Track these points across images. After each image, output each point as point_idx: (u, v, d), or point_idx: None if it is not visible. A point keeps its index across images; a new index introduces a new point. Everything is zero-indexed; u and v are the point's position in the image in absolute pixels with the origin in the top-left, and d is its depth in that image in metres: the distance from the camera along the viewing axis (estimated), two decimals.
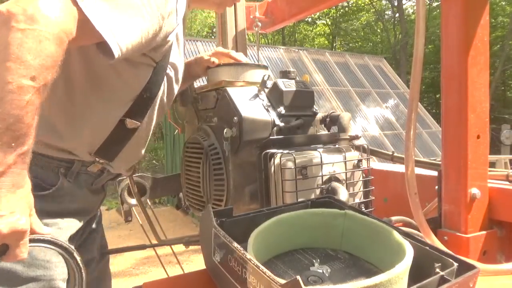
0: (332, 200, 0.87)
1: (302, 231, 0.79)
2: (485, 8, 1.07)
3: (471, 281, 0.58)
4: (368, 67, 9.25)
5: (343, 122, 1.24)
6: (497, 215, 1.12)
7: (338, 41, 20.04)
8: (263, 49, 8.09)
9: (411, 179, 0.92)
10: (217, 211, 0.77)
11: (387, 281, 0.53)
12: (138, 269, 4.47)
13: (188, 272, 0.89)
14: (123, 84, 0.93)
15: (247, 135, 1.08)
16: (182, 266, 1.71)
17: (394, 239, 0.67)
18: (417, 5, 0.90)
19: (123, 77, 0.92)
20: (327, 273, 0.67)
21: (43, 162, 0.91)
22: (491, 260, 1.09)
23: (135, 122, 0.97)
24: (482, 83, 1.07)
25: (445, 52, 1.10)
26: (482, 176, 1.09)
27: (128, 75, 0.92)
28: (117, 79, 0.92)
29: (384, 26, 18.06)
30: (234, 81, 1.20)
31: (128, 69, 0.91)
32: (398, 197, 1.43)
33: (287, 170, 1.00)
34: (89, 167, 0.98)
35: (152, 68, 0.96)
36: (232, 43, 1.60)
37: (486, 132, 1.09)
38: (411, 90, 0.92)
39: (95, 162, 0.98)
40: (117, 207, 1.47)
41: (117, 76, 0.92)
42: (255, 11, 1.96)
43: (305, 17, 2.71)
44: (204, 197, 1.19)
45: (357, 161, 1.12)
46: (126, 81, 0.93)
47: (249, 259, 0.57)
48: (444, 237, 1.10)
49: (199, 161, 1.19)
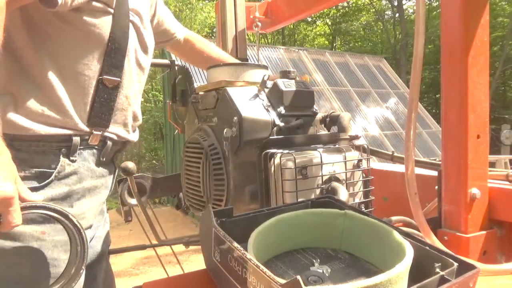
0: (332, 200, 0.87)
1: (302, 231, 0.79)
2: (485, 8, 1.07)
3: (471, 281, 0.58)
4: (368, 67, 9.25)
5: (343, 122, 1.24)
6: (497, 215, 1.12)
7: (338, 41, 20.05)
8: (263, 49, 8.09)
9: (411, 179, 0.92)
10: (217, 211, 0.77)
11: (387, 281, 0.53)
12: (138, 269, 4.47)
13: (188, 272, 0.89)
14: (86, 38, 0.91)
15: (247, 135, 1.08)
16: (182, 266, 1.71)
17: (394, 239, 0.67)
18: (417, 5, 0.90)
19: (83, 30, 0.90)
20: (327, 273, 0.67)
21: (42, 147, 0.89)
22: (491, 260, 1.09)
23: (114, 79, 0.95)
24: (482, 83, 1.07)
25: (445, 52, 1.10)
26: (482, 176, 1.09)
27: (87, 27, 0.90)
28: (79, 33, 0.90)
29: (384, 26, 18.06)
30: (234, 81, 1.20)
31: (86, 20, 0.90)
32: (398, 197, 1.43)
33: (287, 170, 1.00)
34: (90, 140, 0.96)
35: (111, 15, 0.93)
36: (232, 43, 1.60)
37: (486, 132, 1.09)
38: (411, 90, 0.92)
39: (92, 133, 0.96)
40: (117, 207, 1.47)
41: (78, 30, 0.90)
42: (255, 11, 1.96)
43: (305, 17, 2.70)
44: (204, 197, 1.19)
45: (357, 161, 1.12)
46: (88, 33, 0.91)
47: (249, 259, 0.57)
48: (444, 237, 1.10)
49: (199, 161, 1.19)
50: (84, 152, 0.96)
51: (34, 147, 0.88)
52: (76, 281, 0.78)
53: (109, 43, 0.94)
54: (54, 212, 0.75)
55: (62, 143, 0.92)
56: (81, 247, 0.77)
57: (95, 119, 0.95)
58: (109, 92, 0.96)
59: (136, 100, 1.08)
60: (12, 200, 0.67)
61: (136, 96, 1.07)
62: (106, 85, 0.95)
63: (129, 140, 1.11)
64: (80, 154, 0.95)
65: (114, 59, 0.95)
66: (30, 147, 0.87)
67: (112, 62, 0.95)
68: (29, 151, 0.87)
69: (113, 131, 1.01)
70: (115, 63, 0.96)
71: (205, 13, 15.21)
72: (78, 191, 0.95)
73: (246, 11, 1.90)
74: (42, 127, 0.88)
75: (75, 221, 0.77)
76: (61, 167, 0.91)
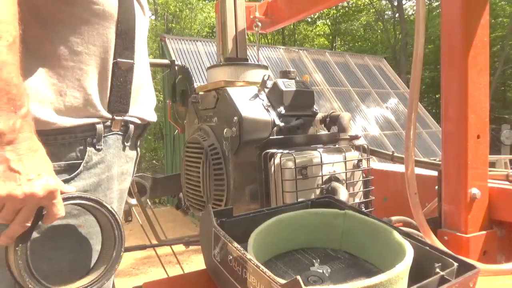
0: (332, 200, 0.87)
1: (302, 231, 0.79)
2: (485, 8, 1.07)
3: (471, 281, 0.58)
4: (368, 67, 9.25)
5: (343, 122, 1.24)
6: (497, 215, 1.12)
7: (338, 41, 20.05)
8: (263, 49, 8.09)
9: (411, 179, 0.92)
10: (217, 211, 0.77)
11: (387, 281, 0.53)
12: (138, 269, 4.48)
13: (188, 272, 0.89)
14: (94, 17, 0.90)
15: (247, 135, 1.08)
16: (182, 266, 1.72)
17: (394, 239, 0.67)
18: (417, 5, 0.90)
19: (90, 9, 0.90)
20: (327, 273, 0.67)
21: (68, 139, 0.89)
22: (491, 260, 1.09)
23: (127, 61, 0.95)
24: (482, 83, 1.07)
25: (445, 52, 1.10)
26: (482, 176, 1.09)
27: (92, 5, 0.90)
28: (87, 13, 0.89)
29: (384, 26, 18.07)
30: (234, 81, 1.20)
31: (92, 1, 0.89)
32: (398, 197, 1.43)
33: (287, 170, 1.00)
34: (113, 127, 0.96)
35: None
36: (232, 43, 1.60)
37: (486, 132, 1.09)
38: (411, 90, 0.92)
39: (114, 119, 0.96)
40: None
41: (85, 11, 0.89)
42: (255, 11, 1.96)
43: (305, 17, 2.70)
44: (204, 197, 1.19)
45: (357, 161, 1.12)
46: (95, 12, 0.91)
47: (249, 259, 0.57)
48: (444, 237, 1.10)
49: (199, 161, 1.19)
50: (108, 139, 0.96)
51: (60, 140, 0.88)
52: (118, 263, 0.83)
53: (118, 25, 0.94)
54: (89, 201, 0.79)
55: (87, 132, 0.91)
56: (118, 231, 0.83)
57: (115, 104, 0.95)
58: (125, 75, 0.96)
59: (149, 80, 1.09)
60: (56, 192, 0.70)
61: (148, 76, 1.08)
62: (121, 68, 0.95)
63: (149, 121, 1.11)
64: (105, 142, 0.95)
65: (125, 42, 0.96)
66: (56, 140, 0.87)
67: (123, 44, 0.96)
68: (56, 144, 0.87)
69: (133, 114, 1.01)
70: (126, 45, 0.96)
71: (205, 13, 15.23)
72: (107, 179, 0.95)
73: (246, 11, 1.89)
74: (67, 119, 0.88)
75: (109, 208, 0.82)
76: (88, 157, 0.91)
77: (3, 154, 0.66)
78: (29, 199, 0.67)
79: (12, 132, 0.66)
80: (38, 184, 0.68)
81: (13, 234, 0.71)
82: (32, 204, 0.69)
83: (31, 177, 0.68)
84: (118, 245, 0.83)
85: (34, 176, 0.68)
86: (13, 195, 0.66)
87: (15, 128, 0.67)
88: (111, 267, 0.82)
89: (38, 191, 0.68)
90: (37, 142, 0.71)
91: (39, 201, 0.69)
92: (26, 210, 0.69)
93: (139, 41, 1.03)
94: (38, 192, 0.68)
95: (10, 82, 0.66)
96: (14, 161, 0.67)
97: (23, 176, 0.67)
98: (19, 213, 0.69)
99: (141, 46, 1.04)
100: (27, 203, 0.68)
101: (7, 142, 0.66)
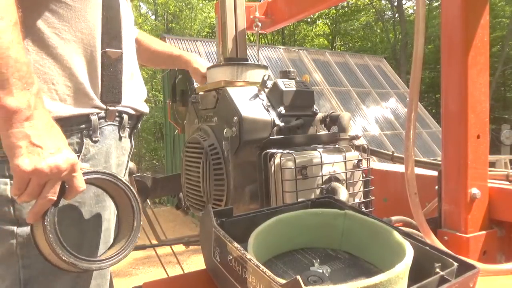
0: (332, 200, 0.87)
1: (302, 231, 0.79)
2: (485, 8, 1.07)
3: (471, 281, 0.58)
4: (368, 67, 9.25)
5: (343, 122, 1.24)
6: (497, 215, 1.12)
7: (338, 41, 20.05)
8: (263, 49, 8.09)
9: (411, 179, 0.92)
10: (217, 211, 0.77)
11: (387, 281, 0.53)
12: (138, 269, 4.48)
13: (188, 272, 0.89)
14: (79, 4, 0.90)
15: (247, 135, 1.08)
16: (182, 266, 1.72)
17: (394, 239, 0.67)
18: (417, 5, 0.90)
19: None
20: (327, 273, 0.67)
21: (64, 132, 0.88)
22: (491, 260, 1.09)
23: (116, 51, 0.96)
24: (482, 83, 1.07)
25: (445, 52, 1.10)
26: (482, 176, 1.09)
27: None
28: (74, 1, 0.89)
29: (384, 26, 18.07)
30: (234, 81, 1.20)
31: None
32: (398, 197, 1.43)
33: (287, 170, 1.00)
34: (107, 117, 0.96)
35: None
36: (232, 43, 1.60)
37: (486, 132, 1.09)
38: (411, 90, 0.92)
39: (108, 109, 0.96)
40: None
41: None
42: (255, 11, 1.95)
43: (305, 17, 2.70)
44: (204, 197, 1.19)
45: (357, 161, 1.12)
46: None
47: (249, 259, 0.57)
48: (444, 237, 1.10)
49: (199, 161, 1.19)
50: (104, 130, 0.96)
51: None
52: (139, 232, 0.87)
53: (103, 12, 0.94)
54: (105, 176, 0.82)
55: (82, 124, 0.92)
56: (135, 202, 0.87)
57: (107, 94, 0.95)
58: (115, 65, 0.96)
59: (138, 71, 1.09)
60: (76, 165, 0.72)
61: (137, 66, 1.08)
62: (110, 57, 0.95)
63: (143, 112, 1.11)
64: (102, 133, 0.95)
65: (111, 30, 0.96)
66: None
67: (110, 33, 0.96)
68: None
69: (126, 104, 1.01)
70: (113, 34, 0.96)
71: (205, 13, 15.22)
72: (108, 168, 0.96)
73: (246, 11, 1.89)
74: (61, 108, 0.88)
75: (123, 180, 0.85)
76: (85, 149, 0.91)
77: (23, 131, 0.67)
78: (53, 172, 0.69)
79: (28, 109, 0.67)
80: (60, 157, 0.69)
81: (40, 209, 0.71)
82: (57, 177, 0.70)
83: (53, 151, 0.69)
84: (137, 215, 0.87)
85: (55, 150, 0.69)
86: (39, 169, 0.67)
87: (30, 105, 0.68)
88: (134, 236, 0.86)
89: (61, 164, 0.69)
90: (51, 118, 0.72)
91: (63, 174, 0.70)
92: (51, 184, 0.70)
93: (126, 30, 1.02)
94: (62, 165, 0.69)
95: (19, 60, 0.67)
96: (34, 136, 0.68)
97: (45, 150, 0.68)
98: (45, 187, 0.70)
99: (128, 36, 1.04)
100: (52, 176, 0.69)
101: (25, 118, 0.67)
